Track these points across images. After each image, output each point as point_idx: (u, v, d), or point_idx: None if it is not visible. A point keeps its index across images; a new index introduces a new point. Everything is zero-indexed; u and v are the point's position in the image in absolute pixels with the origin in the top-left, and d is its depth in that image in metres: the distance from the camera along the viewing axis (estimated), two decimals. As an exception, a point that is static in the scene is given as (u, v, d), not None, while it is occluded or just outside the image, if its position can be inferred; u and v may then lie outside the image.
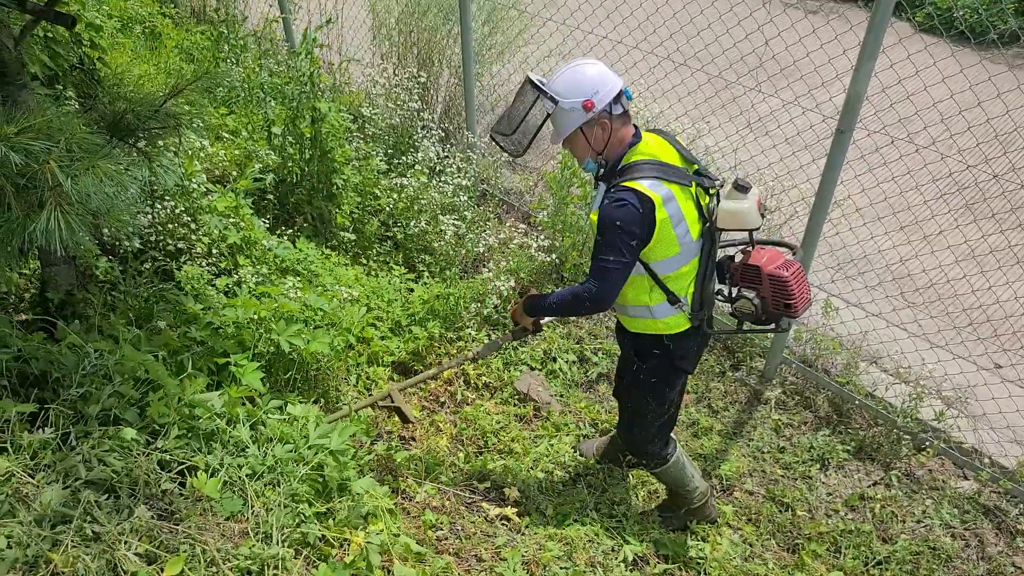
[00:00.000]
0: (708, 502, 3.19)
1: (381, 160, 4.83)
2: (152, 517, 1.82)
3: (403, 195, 4.60)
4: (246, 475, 2.15)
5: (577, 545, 2.84)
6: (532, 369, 4.08)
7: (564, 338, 4.27)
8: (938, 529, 3.27)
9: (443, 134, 5.34)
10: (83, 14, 4.18)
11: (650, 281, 2.57)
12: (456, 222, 4.54)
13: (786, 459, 3.62)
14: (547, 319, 3.01)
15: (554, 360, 4.13)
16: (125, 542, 1.74)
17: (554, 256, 4.48)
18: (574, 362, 4.15)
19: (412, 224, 4.53)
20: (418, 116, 5.14)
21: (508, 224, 5.16)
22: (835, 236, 4.58)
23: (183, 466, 2.16)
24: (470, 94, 5.09)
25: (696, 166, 2.60)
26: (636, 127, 2.58)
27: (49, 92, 3.38)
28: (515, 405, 3.81)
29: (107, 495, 1.89)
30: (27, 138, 1.98)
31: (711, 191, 2.56)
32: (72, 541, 1.70)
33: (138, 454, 2.00)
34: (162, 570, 1.72)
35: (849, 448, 3.67)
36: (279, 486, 2.16)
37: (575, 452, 3.55)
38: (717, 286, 2.68)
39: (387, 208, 4.63)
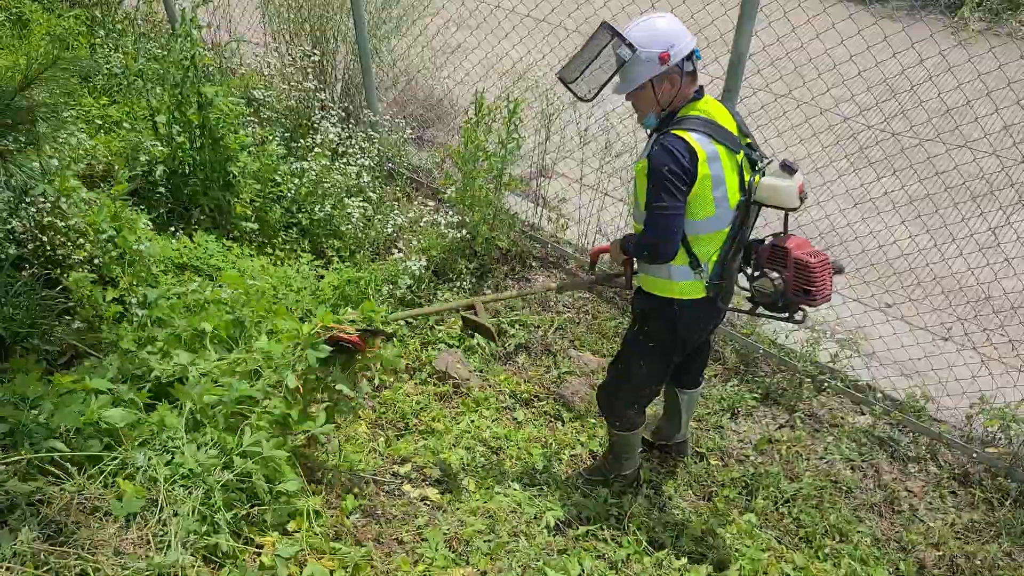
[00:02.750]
0: (637, 472, 3.29)
1: (279, 144, 4.68)
2: (37, 539, 1.74)
3: (305, 179, 4.48)
4: (164, 476, 2.08)
5: (500, 517, 2.89)
6: (450, 346, 4.08)
7: (479, 312, 4.28)
8: (839, 463, 3.48)
9: (343, 114, 5.21)
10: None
11: None
12: (363, 204, 4.45)
13: (700, 412, 3.76)
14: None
15: (472, 336, 4.14)
16: (8, 568, 1.66)
17: (464, 231, 4.47)
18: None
19: (317, 209, 4.42)
20: (315, 96, 4.99)
21: (417, 202, 5.11)
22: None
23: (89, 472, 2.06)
24: (367, 70, 4.97)
25: (749, 140, 2.58)
26: (701, 87, 2.56)
27: None
28: (434, 384, 3.81)
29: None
30: None
31: (757, 166, 2.53)
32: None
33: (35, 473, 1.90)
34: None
35: (757, 395, 3.84)
36: (192, 492, 2.09)
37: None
38: (739, 270, 2.66)
39: (289, 194, 4.50)
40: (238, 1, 5.98)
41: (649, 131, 2.65)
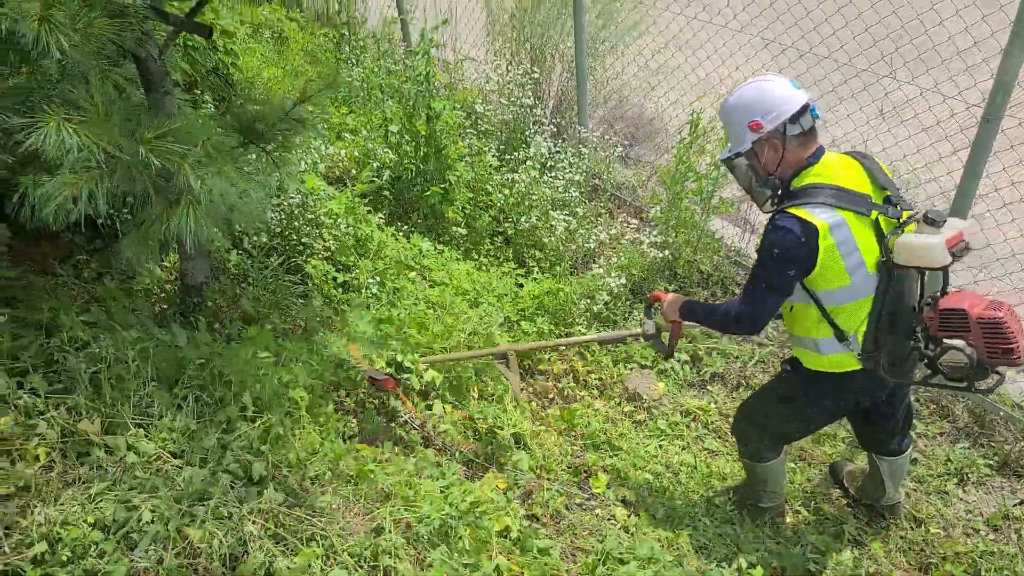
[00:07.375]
0: (777, 510, 3.07)
1: (493, 156, 4.88)
2: (280, 503, 1.94)
3: (514, 191, 4.62)
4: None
5: (688, 552, 2.77)
6: (643, 367, 4.01)
7: (676, 336, 4.16)
8: (1097, 558, 2.95)
9: (555, 129, 5.33)
10: (217, 22, 4.47)
11: (818, 313, 2.40)
12: (567, 217, 4.51)
13: (919, 472, 3.38)
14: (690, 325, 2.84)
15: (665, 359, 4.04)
16: (253, 521, 1.85)
17: (667, 252, 4.37)
18: (686, 361, 4.04)
19: (523, 219, 4.55)
20: (530, 112, 5.15)
21: (620, 219, 5.09)
22: (979, 232, 4.20)
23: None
24: (583, 88, 5.05)
25: (888, 192, 2.39)
26: (820, 147, 2.42)
27: (187, 97, 3.62)
28: (625, 404, 3.76)
29: (241, 480, 2.03)
30: (165, 143, 2.11)
31: (899, 221, 2.32)
32: (207, 518, 1.83)
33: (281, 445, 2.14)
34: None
35: (992, 463, 3.38)
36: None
37: (826, 473, 3.33)
38: (911, 343, 2.36)
39: (498, 204, 4.67)
40: (466, 21, 6.35)
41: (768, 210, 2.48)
